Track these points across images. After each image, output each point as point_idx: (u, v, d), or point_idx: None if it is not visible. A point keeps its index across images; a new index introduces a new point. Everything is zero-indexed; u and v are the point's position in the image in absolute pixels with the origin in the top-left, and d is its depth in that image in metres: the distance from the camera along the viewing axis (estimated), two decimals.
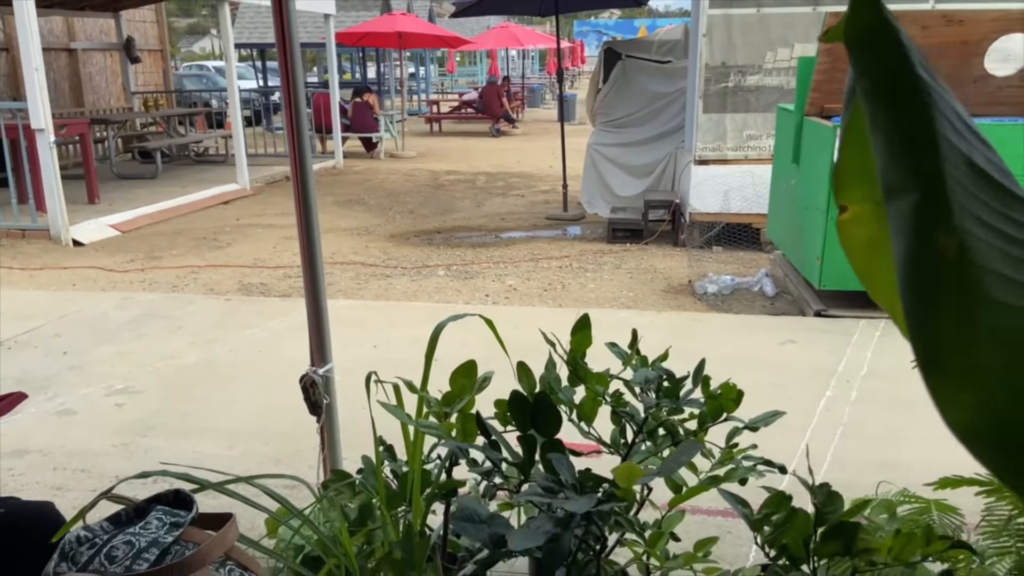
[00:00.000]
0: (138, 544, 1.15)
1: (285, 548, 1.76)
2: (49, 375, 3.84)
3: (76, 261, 6.31)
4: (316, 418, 2.32)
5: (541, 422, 1.08)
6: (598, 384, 1.46)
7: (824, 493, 1.27)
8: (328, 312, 2.27)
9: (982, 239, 0.45)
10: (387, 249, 6.93)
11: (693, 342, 4.38)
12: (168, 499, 1.29)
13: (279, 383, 3.55)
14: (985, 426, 0.43)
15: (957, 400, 0.43)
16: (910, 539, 1.24)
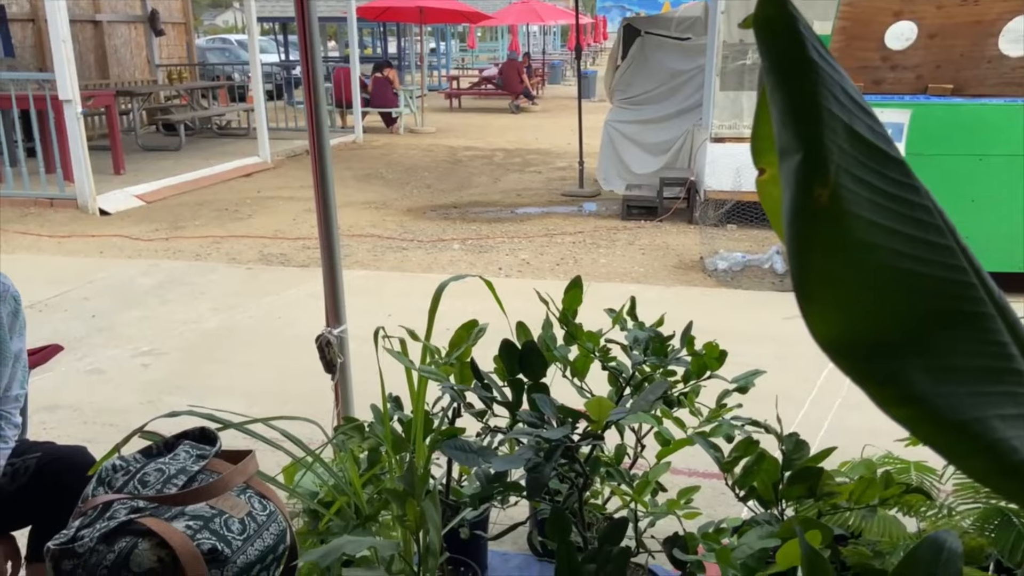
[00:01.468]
0: (168, 471, 1.28)
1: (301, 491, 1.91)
2: (78, 336, 4.02)
3: (103, 230, 6.49)
4: (331, 376, 2.46)
5: (528, 367, 1.19)
6: (589, 341, 1.57)
7: (792, 441, 1.38)
8: (343, 278, 2.40)
9: (852, 190, 0.56)
10: (404, 223, 7.05)
11: (699, 315, 4.47)
12: (194, 435, 1.42)
13: (297, 347, 3.69)
14: (845, 341, 0.54)
15: (824, 321, 0.54)
16: (870, 484, 1.35)
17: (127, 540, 1.13)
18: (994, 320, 0.58)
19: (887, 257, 0.57)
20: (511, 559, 2.30)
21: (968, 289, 0.58)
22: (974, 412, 0.53)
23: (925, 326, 0.56)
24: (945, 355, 0.55)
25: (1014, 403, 0.55)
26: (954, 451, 0.52)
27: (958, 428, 0.52)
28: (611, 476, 1.82)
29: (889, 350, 0.54)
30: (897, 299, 0.56)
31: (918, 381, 0.54)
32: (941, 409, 0.53)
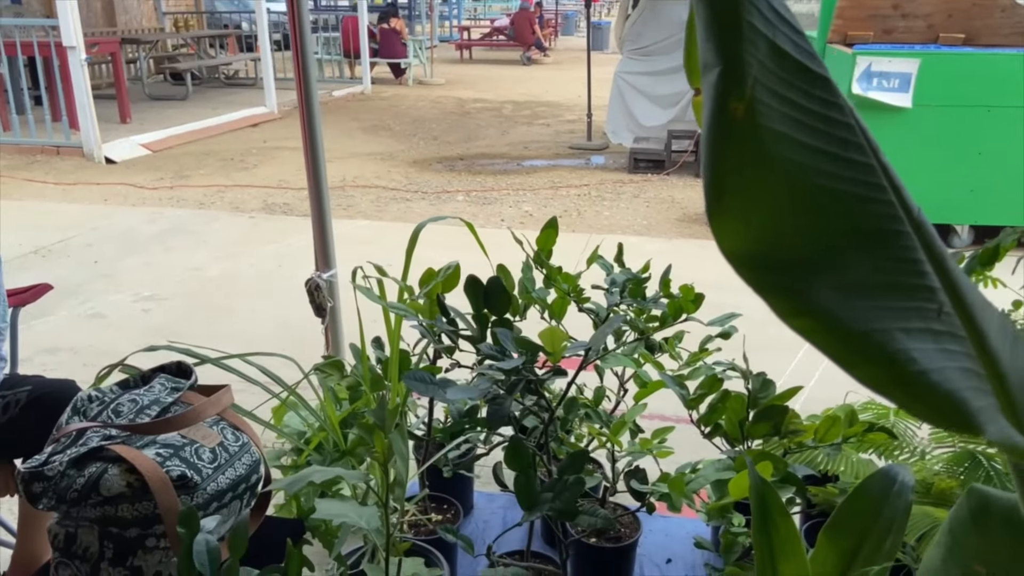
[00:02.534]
0: (141, 403, 1.31)
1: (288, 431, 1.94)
2: (81, 282, 4.06)
3: (108, 178, 6.51)
4: (321, 320, 2.48)
5: (493, 302, 1.20)
6: (565, 282, 1.58)
7: (759, 380, 1.39)
8: (332, 223, 2.40)
9: (769, 105, 0.55)
10: (409, 174, 7.03)
11: (699, 268, 4.46)
12: (171, 370, 1.45)
13: (298, 296, 3.71)
14: (751, 253, 0.54)
15: (732, 232, 0.54)
16: (834, 422, 1.36)
17: (97, 465, 1.16)
18: (909, 238, 0.58)
19: (802, 173, 0.56)
20: (496, 499, 2.34)
21: (885, 207, 0.58)
22: (878, 324, 0.53)
23: (836, 242, 0.56)
24: (855, 271, 0.55)
25: (920, 317, 0.55)
26: (851, 360, 0.52)
27: (859, 339, 0.52)
28: (590, 418, 1.84)
29: (797, 264, 0.54)
30: (810, 215, 0.56)
31: (824, 295, 0.54)
32: (844, 321, 0.53)
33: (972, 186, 4.33)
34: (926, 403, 0.51)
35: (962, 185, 4.35)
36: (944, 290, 0.57)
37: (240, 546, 0.96)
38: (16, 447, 1.77)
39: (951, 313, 0.56)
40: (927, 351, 0.53)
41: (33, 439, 1.76)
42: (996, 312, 0.62)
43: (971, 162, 4.27)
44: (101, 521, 1.17)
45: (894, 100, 4.27)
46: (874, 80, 4.26)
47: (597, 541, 1.97)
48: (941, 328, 0.55)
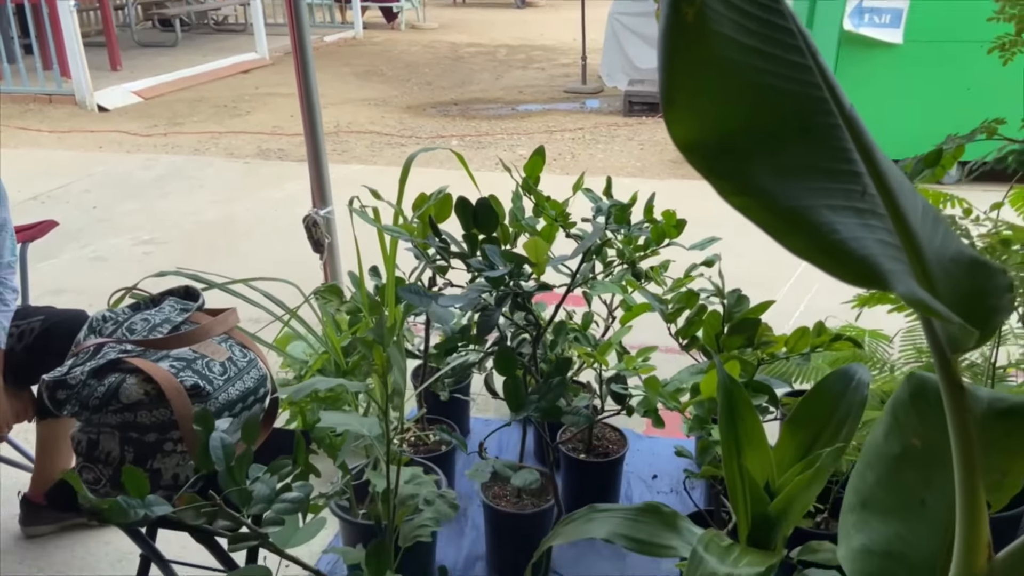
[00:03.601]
0: (153, 321, 1.39)
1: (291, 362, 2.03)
2: (80, 227, 4.12)
3: (101, 125, 6.51)
4: (319, 256, 2.56)
5: (482, 222, 1.28)
6: (553, 209, 1.65)
7: (734, 296, 1.47)
8: (327, 158, 2.46)
9: (717, 11, 0.62)
10: (403, 119, 7.02)
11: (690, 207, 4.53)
12: (179, 293, 1.53)
13: (294, 238, 3.78)
14: (700, 143, 0.61)
15: (682, 125, 0.61)
16: (803, 334, 1.45)
17: (116, 376, 1.25)
18: (840, 130, 0.65)
19: (745, 72, 0.63)
20: (492, 424, 2.45)
21: (820, 103, 0.65)
22: (807, 202, 0.61)
23: (775, 133, 0.63)
24: (790, 157, 0.63)
25: (845, 197, 0.62)
26: (783, 231, 0.60)
27: (790, 214, 0.60)
28: (578, 341, 1.93)
29: (739, 152, 0.62)
30: (752, 109, 0.63)
31: (762, 178, 0.62)
32: (779, 199, 0.61)
33: (961, 122, 4.36)
34: (846, 266, 0.59)
35: (951, 121, 4.39)
36: (869, 175, 0.65)
37: (253, 434, 1.05)
38: (32, 374, 1.86)
39: (874, 194, 0.64)
40: (849, 224, 0.61)
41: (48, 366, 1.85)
42: (920, 199, 0.70)
43: (960, 98, 4.30)
44: (121, 427, 1.26)
45: (885, 36, 4.28)
46: (865, 16, 4.26)
47: (586, 457, 2.08)
48: (864, 206, 0.63)
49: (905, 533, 0.83)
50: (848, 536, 0.88)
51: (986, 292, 0.66)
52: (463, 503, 2.19)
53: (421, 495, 1.31)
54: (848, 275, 0.59)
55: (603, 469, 2.03)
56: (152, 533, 1.57)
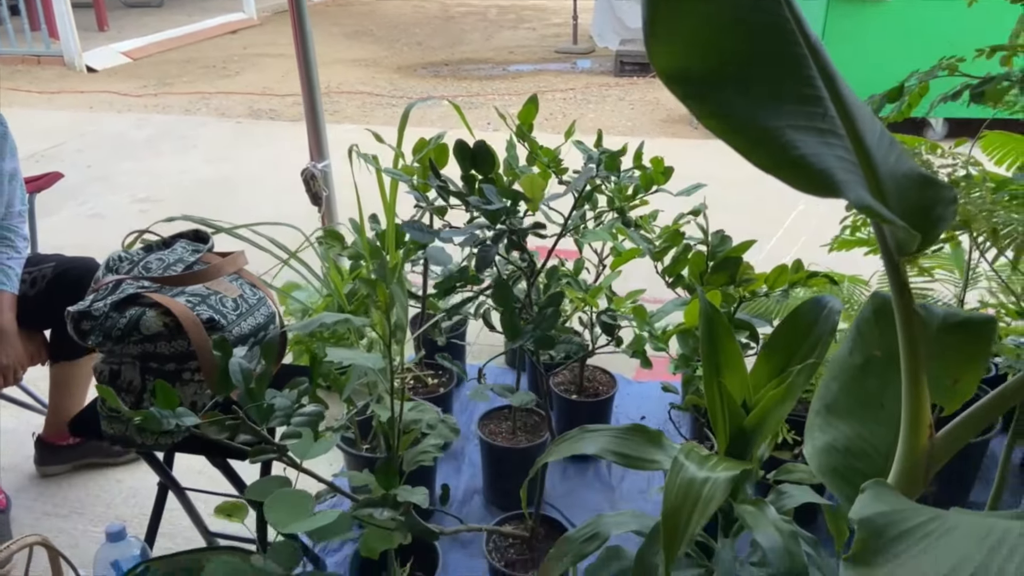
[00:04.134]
0: (167, 260, 1.47)
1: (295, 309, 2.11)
2: (77, 185, 4.16)
3: (91, 86, 6.49)
4: (318, 209, 2.62)
5: (480, 163, 1.35)
6: (545, 156, 1.72)
7: (718, 236, 1.56)
8: (323, 112, 2.51)
9: None
10: (394, 80, 7.02)
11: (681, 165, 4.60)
12: (189, 236, 1.60)
13: (288, 194, 3.84)
14: (677, 69, 0.69)
15: (664, 54, 0.69)
16: (782, 271, 1.53)
17: (136, 309, 1.33)
18: (806, 59, 0.73)
19: (720, 6, 0.71)
20: (488, 369, 2.55)
21: (788, 35, 0.73)
22: (774, 123, 0.69)
23: (747, 61, 0.71)
24: (760, 84, 0.71)
25: (808, 118, 0.70)
26: (749, 148, 0.68)
27: (758, 134, 0.68)
28: (570, 285, 2.02)
29: (713, 78, 0.70)
30: (725, 39, 0.71)
31: (734, 103, 0.69)
32: (747, 120, 0.69)
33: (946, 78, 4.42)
34: (805, 178, 0.67)
35: None
36: (831, 100, 0.73)
37: (272, 353, 1.14)
38: (44, 318, 1.93)
39: (834, 117, 0.72)
40: (810, 142, 0.69)
41: (59, 310, 1.93)
42: (878, 124, 0.78)
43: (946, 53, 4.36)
44: (142, 357, 1.34)
45: None
46: None
47: (578, 397, 2.18)
48: (824, 127, 0.71)
49: (865, 432, 0.93)
50: (813, 436, 0.97)
51: (933, 204, 0.74)
52: (461, 442, 2.30)
53: (424, 420, 1.40)
54: (807, 186, 0.67)
55: (593, 408, 2.13)
56: (169, 461, 1.66)
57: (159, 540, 1.72)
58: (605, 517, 1.34)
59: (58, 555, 1.51)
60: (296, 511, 0.99)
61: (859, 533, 0.60)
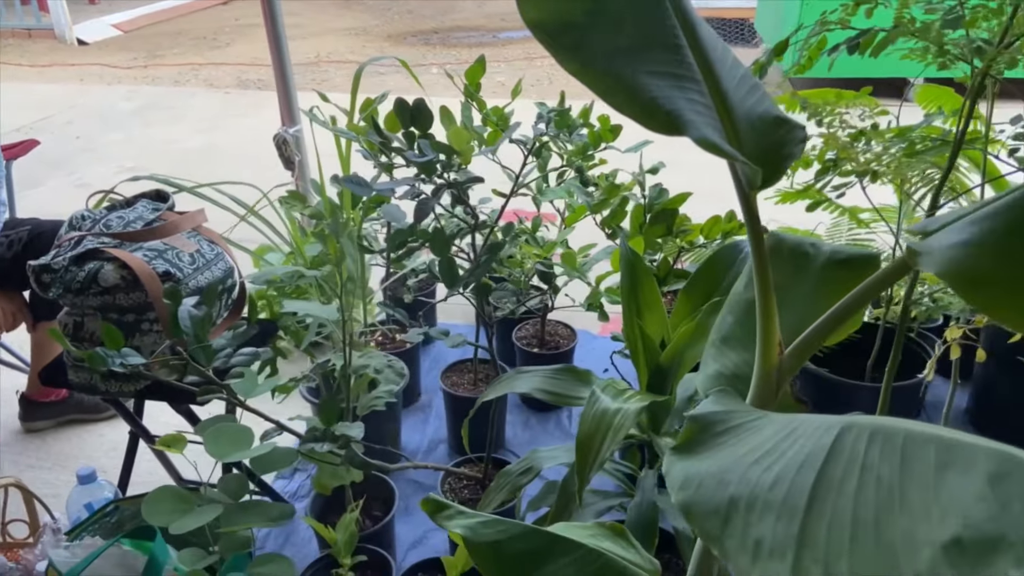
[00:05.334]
0: (127, 218, 1.54)
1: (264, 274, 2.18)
2: (65, 156, 4.22)
3: (82, 59, 6.52)
4: (291, 173, 2.69)
5: (419, 120, 1.41)
6: (495, 115, 1.78)
7: (655, 189, 1.62)
8: (293, 77, 2.57)
9: None
10: (383, 48, 7.03)
11: None
12: (151, 196, 1.67)
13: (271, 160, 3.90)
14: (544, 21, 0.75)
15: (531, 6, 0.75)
16: (716, 221, 1.60)
17: (94, 263, 1.40)
18: (667, 10, 0.79)
19: None
20: (458, 328, 2.63)
21: None
22: (629, 68, 0.75)
23: (607, 11, 0.77)
24: (619, 33, 0.77)
25: (664, 64, 0.77)
26: (607, 92, 0.74)
27: (615, 77, 0.75)
28: (528, 243, 2.09)
29: (576, 29, 0.76)
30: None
31: (594, 50, 0.76)
32: (605, 67, 0.75)
33: None
34: (655, 119, 0.74)
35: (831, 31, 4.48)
36: (689, 48, 0.79)
37: (211, 297, 1.21)
38: (23, 280, 2.01)
39: (691, 63, 0.79)
40: (663, 86, 0.76)
41: None
42: (741, 70, 0.85)
43: None
44: (102, 308, 1.43)
45: None
46: None
47: (539, 350, 2.27)
48: (681, 72, 0.78)
49: (749, 358, 1.00)
50: (707, 365, 1.05)
51: (784, 143, 0.81)
52: (428, 396, 2.39)
53: (372, 365, 1.49)
54: (657, 126, 0.74)
55: (552, 361, 2.21)
56: (139, 411, 1.75)
57: (135, 488, 1.82)
58: (539, 451, 1.43)
59: (32, 497, 1.61)
60: (235, 443, 1.08)
61: (687, 428, 0.68)
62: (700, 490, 0.60)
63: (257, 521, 1.11)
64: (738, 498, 0.58)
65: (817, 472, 0.56)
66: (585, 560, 0.92)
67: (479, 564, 0.90)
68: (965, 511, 0.45)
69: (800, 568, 0.51)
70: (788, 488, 0.56)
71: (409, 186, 1.32)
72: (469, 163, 1.39)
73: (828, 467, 0.55)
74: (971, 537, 0.44)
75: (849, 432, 0.57)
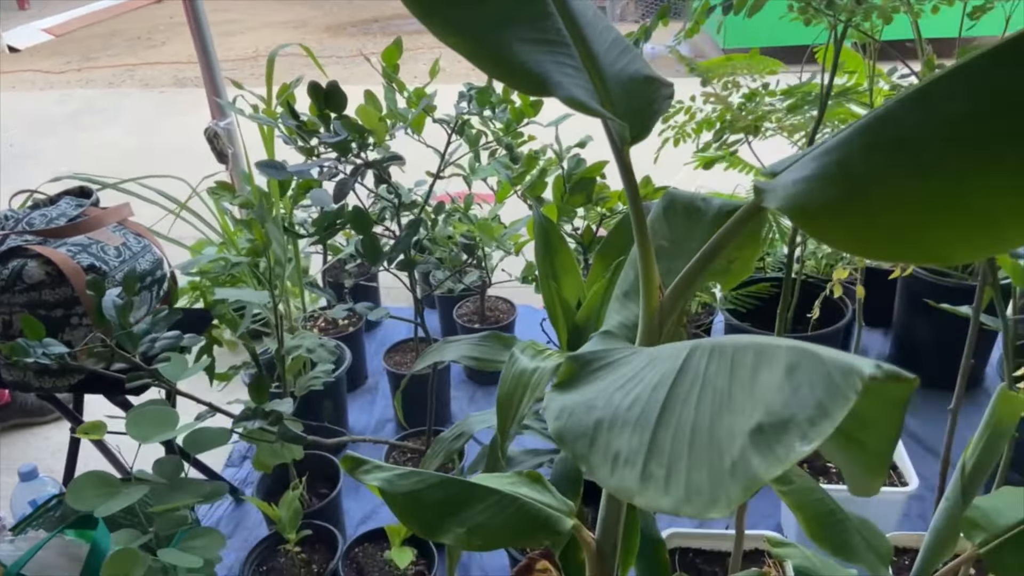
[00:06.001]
0: (50, 215, 1.55)
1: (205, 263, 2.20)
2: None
3: (13, 66, 6.37)
4: (225, 167, 2.69)
5: (332, 102, 1.44)
6: (416, 95, 1.82)
7: (573, 159, 1.68)
8: (219, 69, 2.57)
9: None
10: (323, 40, 6.99)
11: None
12: (75, 192, 1.68)
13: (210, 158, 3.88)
14: None
15: None
16: None
17: (18, 260, 1.41)
18: None
19: None
20: (402, 311, 2.67)
21: None
22: (499, 34, 0.80)
23: None
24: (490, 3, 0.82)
25: (533, 30, 0.82)
26: (478, 58, 0.79)
27: (485, 45, 0.79)
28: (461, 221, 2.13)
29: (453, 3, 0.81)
30: None
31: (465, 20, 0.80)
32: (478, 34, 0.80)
33: None
34: (524, 81, 0.78)
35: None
36: (560, 15, 0.84)
37: (132, 285, 1.24)
38: None
39: (561, 28, 0.84)
40: (532, 51, 0.80)
41: None
42: (613, 35, 0.90)
43: None
44: (29, 306, 1.44)
45: None
46: None
47: (480, 326, 2.32)
48: (551, 38, 0.82)
49: None
50: (610, 318, 1.11)
51: (653, 100, 0.86)
52: (374, 379, 2.43)
53: (304, 345, 1.52)
54: (526, 87, 0.79)
55: None
56: (79, 407, 1.76)
57: None
58: (471, 417, 1.48)
59: None
60: (159, 425, 1.11)
61: (565, 367, 0.74)
62: (571, 417, 0.66)
63: (189, 498, 1.14)
64: (602, 420, 0.63)
65: (668, 390, 0.61)
66: (501, 504, 0.98)
67: (398, 514, 0.95)
68: (767, 401, 0.51)
69: (647, 473, 0.57)
70: (643, 407, 0.62)
71: (324, 167, 1.36)
72: (383, 142, 1.42)
73: (677, 385, 0.61)
74: (769, 422, 0.50)
75: (695, 353, 0.63)
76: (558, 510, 1.01)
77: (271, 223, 1.54)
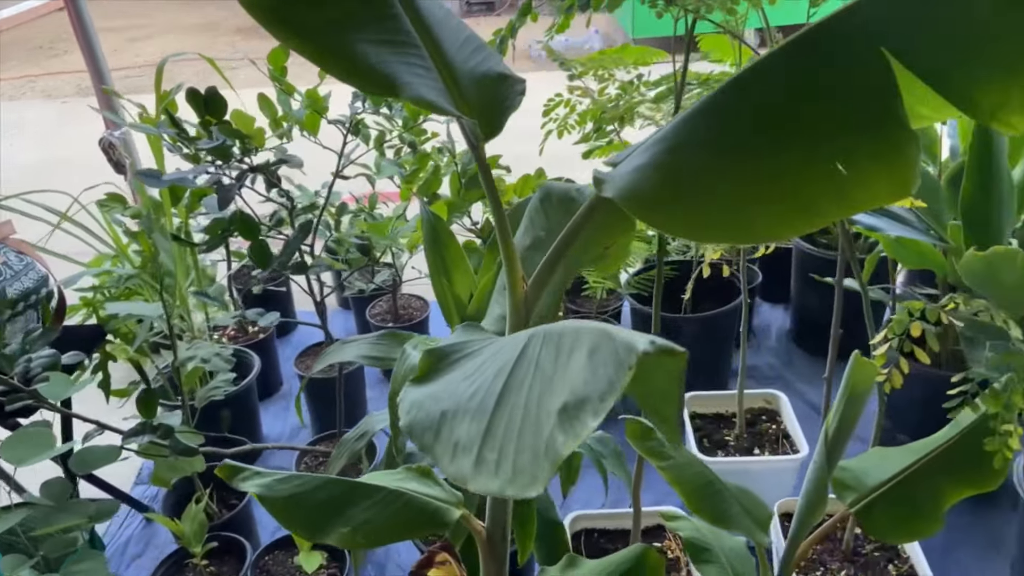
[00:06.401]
0: None
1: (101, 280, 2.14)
2: None
3: None
4: (124, 178, 2.62)
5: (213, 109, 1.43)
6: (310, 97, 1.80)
7: (466, 155, 1.69)
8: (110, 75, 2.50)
9: None
10: (235, 43, 6.84)
11: None
12: None
13: None
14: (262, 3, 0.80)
15: None
16: (527, 179, 1.69)
17: None
18: None
19: None
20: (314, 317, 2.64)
21: None
22: (346, 37, 0.81)
23: None
24: (334, 8, 0.82)
25: (379, 31, 0.82)
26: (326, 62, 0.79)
27: (333, 49, 0.80)
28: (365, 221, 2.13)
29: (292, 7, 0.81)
30: None
31: (310, 26, 0.81)
32: (324, 39, 0.80)
33: None
34: (373, 83, 0.79)
35: None
36: (408, 18, 0.85)
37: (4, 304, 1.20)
38: None
39: (410, 31, 0.85)
40: (381, 53, 0.81)
41: None
42: (466, 34, 0.92)
43: None
44: None
45: None
46: None
47: (394, 324, 2.32)
48: (400, 39, 0.83)
49: None
50: (492, 310, 1.14)
51: (505, 97, 0.88)
52: (288, 385, 2.41)
53: (198, 355, 1.50)
54: (374, 88, 0.79)
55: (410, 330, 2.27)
56: None
57: None
58: (373, 416, 1.49)
59: None
60: (34, 447, 1.08)
61: (422, 361, 0.75)
62: (420, 411, 0.67)
63: (76, 519, 1.12)
64: (447, 411, 0.65)
65: (506, 378, 0.63)
66: (386, 501, 0.99)
67: (279, 519, 0.95)
68: (572, 382, 0.54)
69: (480, 458, 0.58)
70: (483, 395, 0.64)
71: (207, 173, 1.34)
72: (262, 145, 1.41)
73: (514, 372, 0.63)
74: (571, 401, 0.52)
75: (532, 340, 0.65)
76: (446, 502, 1.03)
77: (158, 233, 1.51)
